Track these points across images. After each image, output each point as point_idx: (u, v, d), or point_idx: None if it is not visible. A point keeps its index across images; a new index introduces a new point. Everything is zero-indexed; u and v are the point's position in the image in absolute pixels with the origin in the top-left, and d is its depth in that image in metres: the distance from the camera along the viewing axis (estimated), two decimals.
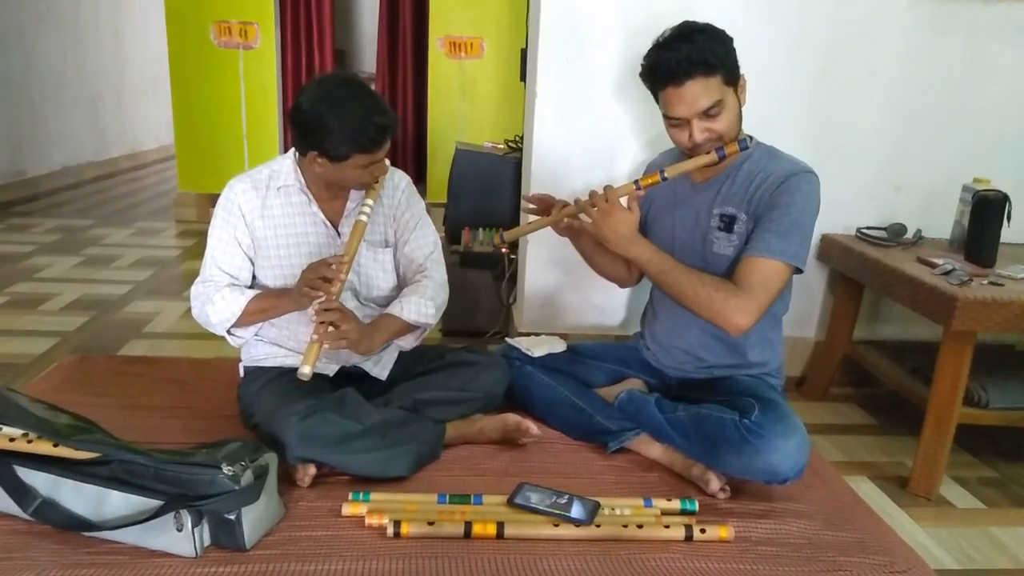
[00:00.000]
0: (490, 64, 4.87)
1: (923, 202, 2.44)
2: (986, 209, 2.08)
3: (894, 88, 2.37)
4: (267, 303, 1.66)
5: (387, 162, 1.67)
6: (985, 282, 1.93)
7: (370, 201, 1.64)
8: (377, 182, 1.66)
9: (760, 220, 1.61)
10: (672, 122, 1.63)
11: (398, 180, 1.79)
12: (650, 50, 1.62)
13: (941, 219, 2.34)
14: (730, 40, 1.61)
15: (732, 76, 1.59)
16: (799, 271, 1.63)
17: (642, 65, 1.63)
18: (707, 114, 1.57)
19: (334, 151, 1.55)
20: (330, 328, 1.53)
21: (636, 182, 1.65)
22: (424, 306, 1.70)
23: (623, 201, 1.62)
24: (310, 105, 1.53)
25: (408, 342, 1.78)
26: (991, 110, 2.42)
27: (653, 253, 1.63)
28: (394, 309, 1.69)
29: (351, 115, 1.52)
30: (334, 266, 1.55)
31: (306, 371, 1.50)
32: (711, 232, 1.69)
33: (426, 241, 1.79)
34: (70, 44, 5.93)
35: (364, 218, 1.62)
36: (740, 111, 1.64)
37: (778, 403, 1.62)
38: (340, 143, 1.53)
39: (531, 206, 1.82)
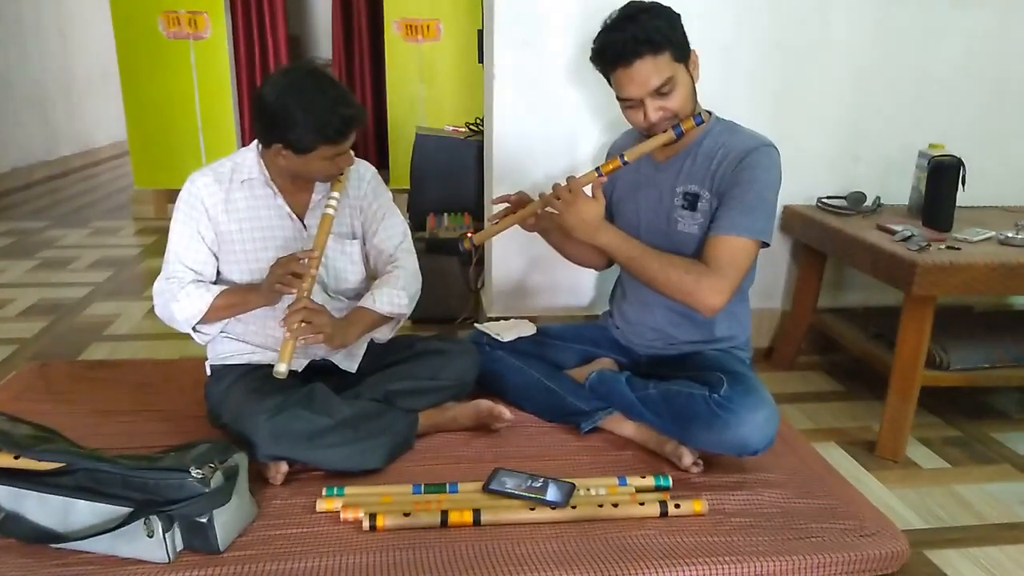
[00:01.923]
0: (448, 46, 4.81)
1: (881, 170, 2.48)
2: (941, 174, 2.11)
3: (850, 58, 2.39)
4: (235, 299, 1.63)
5: (352, 153, 1.65)
6: (943, 246, 1.97)
7: (336, 193, 1.61)
8: (343, 174, 1.64)
9: (723, 197, 1.62)
10: (626, 103, 1.62)
11: (363, 171, 1.77)
12: (599, 33, 1.61)
13: (899, 186, 2.38)
14: (677, 17, 1.60)
15: (681, 52, 1.58)
16: (766, 245, 1.64)
17: (592, 49, 1.62)
18: (659, 92, 1.57)
19: (299, 143, 1.52)
20: (303, 324, 1.51)
21: (597, 169, 1.64)
22: (397, 296, 1.68)
23: (587, 190, 1.61)
24: (274, 96, 1.50)
25: (383, 333, 1.76)
26: (945, 76, 2.45)
27: (621, 240, 1.63)
28: (366, 302, 1.67)
29: (316, 106, 1.49)
30: (303, 261, 1.52)
31: (282, 369, 1.48)
32: (675, 211, 1.69)
33: (395, 231, 1.77)
34: (12, 41, 5.72)
35: (331, 211, 1.60)
36: (693, 87, 1.63)
37: (746, 376, 1.64)
38: (305, 135, 1.50)
39: (498, 207, 1.78)
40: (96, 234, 4.42)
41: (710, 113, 1.71)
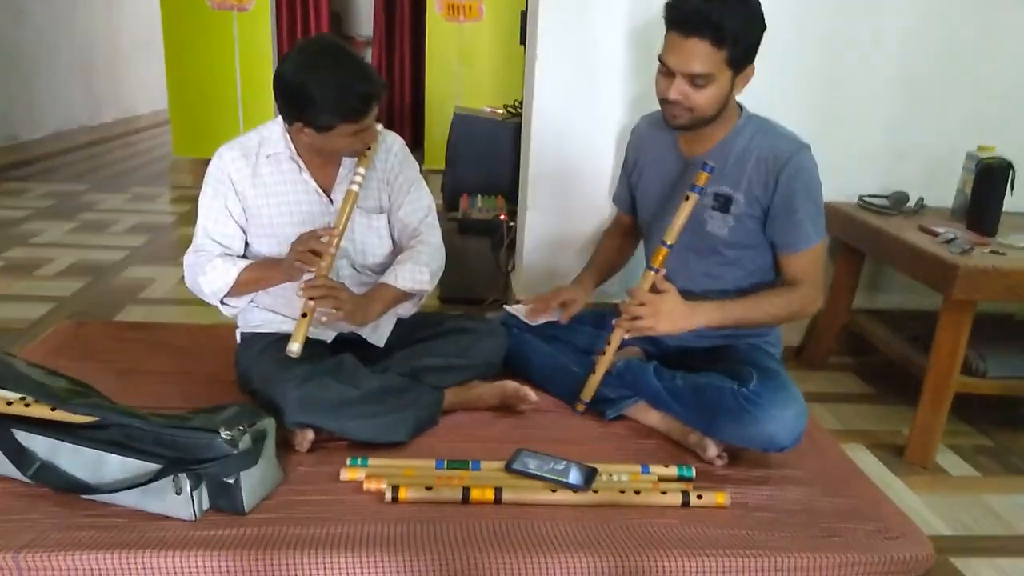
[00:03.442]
0: (489, 27, 4.80)
1: (926, 170, 2.42)
2: (989, 177, 2.06)
3: (899, 54, 2.34)
4: (259, 273, 1.64)
5: (379, 127, 1.64)
6: (986, 251, 1.92)
7: (361, 169, 1.60)
8: (369, 148, 1.63)
9: (777, 210, 1.61)
10: (662, 68, 1.59)
11: (391, 143, 1.75)
12: None
13: (944, 187, 2.33)
14: (760, 28, 1.54)
15: (738, 59, 1.53)
16: None
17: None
18: (693, 79, 1.53)
19: (318, 121, 1.51)
20: (323, 299, 1.51)
21: (651, 267, 1.61)
22: (419, 272, 1.68)
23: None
24: (292, 74, 1.48)
25: (406, 309, 1.77)
26: (997, 77, 2.38)
27: (719, 310, 1.60)
28: (388, 278, 1.67)
29: (332, 84, 1.47)
30: (324, 238, 1.52)
31: (295, 348, 1.49)
32: (704, 211, 1.67)
33: (420, 205, 1.76)
34: (60, 7, 5.82)
35: (355, 187, 1.58)
36: (728, 97, 1.59)
37: (777, 372, 1.63)
38: (323, 113, 1.49)
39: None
40: (135, 199, 4.50)
41: (741, 108, 1.68)
